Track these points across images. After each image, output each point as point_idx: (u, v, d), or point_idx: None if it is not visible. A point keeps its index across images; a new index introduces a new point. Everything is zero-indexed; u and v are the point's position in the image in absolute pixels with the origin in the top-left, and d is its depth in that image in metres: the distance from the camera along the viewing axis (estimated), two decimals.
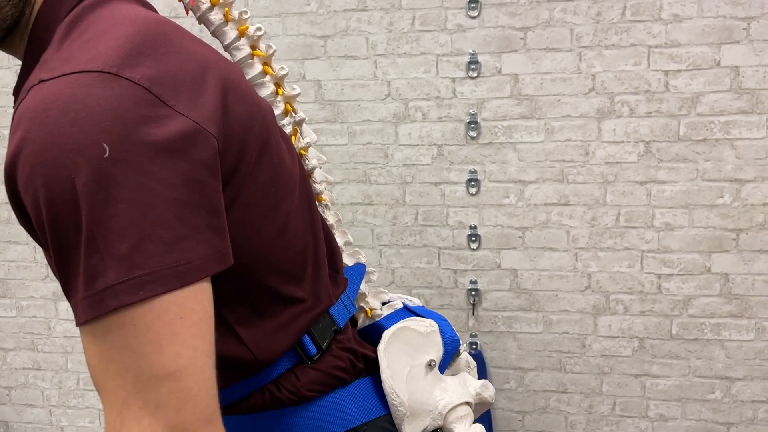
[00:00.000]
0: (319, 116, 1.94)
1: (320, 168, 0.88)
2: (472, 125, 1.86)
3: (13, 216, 2.14)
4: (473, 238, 1.91)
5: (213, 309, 0.55)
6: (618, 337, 1.89)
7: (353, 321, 0.88)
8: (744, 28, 1.70)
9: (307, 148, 0.86)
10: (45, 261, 2.16)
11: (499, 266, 1.92)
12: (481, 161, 1.88)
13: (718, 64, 1.72)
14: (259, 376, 0.73)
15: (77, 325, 0.52)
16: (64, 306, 2.19)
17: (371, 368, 0.82)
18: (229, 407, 0.74)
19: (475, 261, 1.93)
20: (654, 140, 1.78)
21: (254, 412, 0.74)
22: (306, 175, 0.79)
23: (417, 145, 1.91)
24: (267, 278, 0.69)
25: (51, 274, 2.18)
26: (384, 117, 1.91)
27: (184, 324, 0.51)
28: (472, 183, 1.89)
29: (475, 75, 1.84)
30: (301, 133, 0.87)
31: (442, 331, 0.87)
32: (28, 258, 2.18)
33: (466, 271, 1.94)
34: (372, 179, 1.95)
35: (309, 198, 0.77)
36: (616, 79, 1.77)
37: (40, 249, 2.14)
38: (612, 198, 1.83)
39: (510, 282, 1.92)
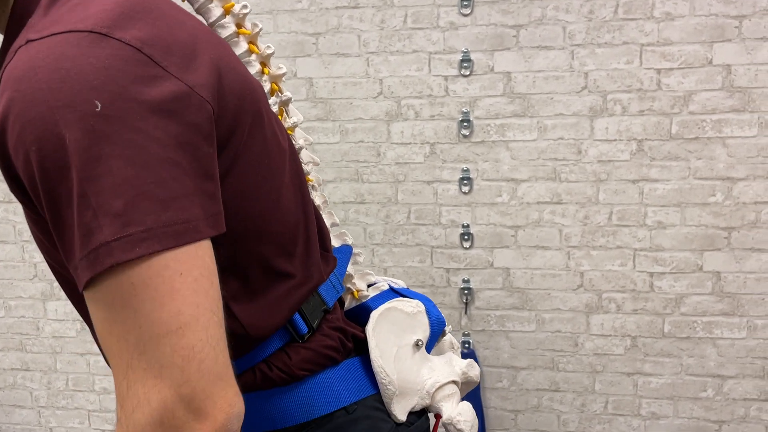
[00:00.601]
0: (311, 114, 1.94)
1: (306, 148, 0.88)
2: (465, 123, 1.86)
3: (0, 215, 2.12)
4: (466, 237, 1.91)
5: (215, 266, 0.53)
6: (610, 335, 1.88)
7: (340, 302, 0.88)
8: (736, 27, 1.71)
9: (293, 127, 0.86)
10: (33, 260, 2.15)
11: (491, 265, 1.92)
12: (473, 159, 1.88)
13: (710, 62, 1.73)
14: (251, 354, 0.72)
15: (81, 291, 0.51)
16: (53, 306, 2.17)
17: (359, 348, 0.81)
18: None
19: (467, 260, 1.93)
20: (646, 138, 1.79)
21: (245, 393, 0.73)
22: (295, 153, 0.79)
23: (409, 143, 1.91)
24: (260, 250, 0.68)
25: (39, 273, 2.16)
26: (376, 115, 1.91)
27: (184, 280, 0.50)
28: (465, 181, 1.89)
29: (468, 73, 1.84)
30: (287, 113, 0.87)
31: (428, 312, 0.86)
32: (16, 258, 2.16)
33: (458, 269, 1.94)
34: (364, 178, 1.94)
35: (299, 175, 0.77)
36: (608, 78, 1.78)
37: (28, 248, 2.13)
38: (604, 196, 1.83)
39: (503, 281, 1.92)
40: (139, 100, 0.50)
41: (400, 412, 0.79)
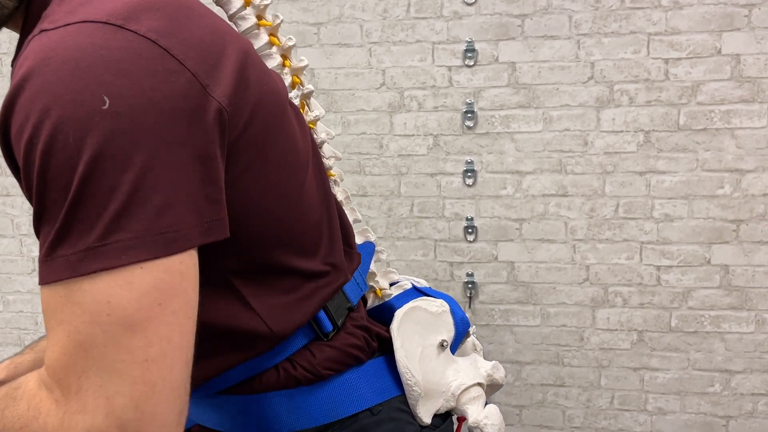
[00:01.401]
0: None
1: (328, 142, 0.84)
2: (469, 115, 1.83)
3: None
4: (470, 230, 1.88)
5: (197, 298, 0.51)
6: (616, 330, 1.86)
7: (364, 300, 0.85)
8: (745, 16, 1.68)
9: (315, 121, 0.82)
10: (31, 254, 2.10)
11: (496, 258, 1.89)
12: (477, 151, 1.85)
13: (719, 52, 1.70)
14: (273, 352, 0.69)
15: (44, 283, 0.47)
16: None
17: (383, 348, 0.78)
18: (239, 386, 0.70)
19: (471, 253, 1.90)
20: (653, 130, 1.76)
21: (267, 391, 0.70)
22: (317, 149, 0.75)
23: (412, 135, 1.87)
24: (283, 250, 0.65)
25: (37, 267, 2.11)
26: (379, 106, 1.87)
27: (162, 311, 0.47)
28: (469, 174, 1.85)
29: (472, 63, 1.81)
30: (309, 107, 0.83)
31: (452, 312, 0.83)
32: (14, 251, 2.11)
33: (462, 263, 1.91)
34: (366, 170, 1.90)
35: (321, 171, 0.74)
36: (615, 68, 1.75)
37: (26, 242, 2.08)
38: (611, 189, 1.81)
39: (507, 274, 1.89)
40: (150, 96, 0.48)
41: (425, 415, 0.76)
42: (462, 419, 0.81)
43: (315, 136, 0.80)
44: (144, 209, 0.46)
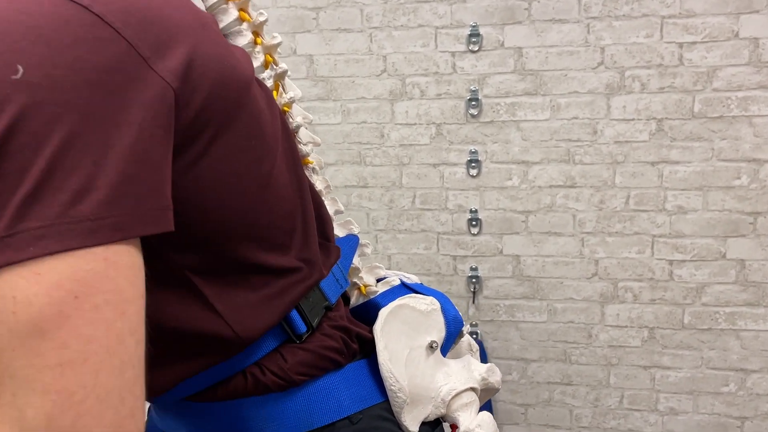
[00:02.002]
0: (311, 93, 1.83)
1: (306, 127, 0.77)
2: (473, 102, 1.76)
3: None
4: (474, 223, 1.81)
5: (137, 292, 0.44)
6: (626, 326, 1.79)
7: (345, 298, 0.78)
8: None
9: (290, 104, 0.75)
10: None
11: (501, 252, 1.82)
12: (482, 141, 1.78)
13: (736, 35, 1.62)
14: (240, 356, 0.62)
15: None
16: None
17: (366, 350, 0.72)
18: (204, 393, 0.64)
19: (475, 246, 1.83)
20: (667, 118, 1.68)
21: (234, 399, 0.64)
22: (290, 134, 0.69)
23: (414, 123, 1.80)
24: (248, 245, 0.59)
25: None
26: (380, 94, 1.80)
27: (79, 305, 0.40)
28: (473, 164, 1.79)
29: (476, 49, 1.73)
30: (283, 88, 0.77)
31: (444, 310, 0.77)
32: None
33: (466, 257, 1.84)
34: (367, 160, 1.84)
35: (294, 159, 0.67)
36: (626, 53, 1.67)
37: None
38: (621, 179, 1.73)
39: (512, 269, 1.82)
40: (74, 66, 0.42)
41: (412, 423, 0.69)
42: (455, 428, 0.75)
43: (290, 120, 0.73)
44: (59, 194, 0.40)
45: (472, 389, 0.72)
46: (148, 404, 0.69)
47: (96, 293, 0.40)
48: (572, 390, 1.84)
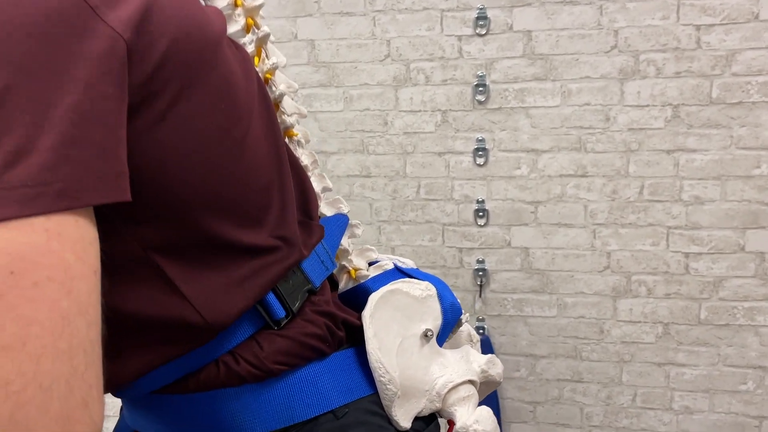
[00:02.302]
0: (312, 80, 1.77)
1: (292, 96, 0.71)
2: (480, 88, 1.69)
3: None
4: (481, 214, 1.75)
5: (88, 269, 0.38)
6: (640, 322, 1.72)
7: (333, 282, 0.72)
8: None
9: (273, 70, 0.69)
10: None
11: (509, 244, 1.75)
12: (489, 128, 1.71)
13: (756, 17, 1.54)
14: (212, 344, 0.57)
15: None
16: None
17: (354, 338, 0.66)
18: (174, 386, 0.58)
19: (482, 238, 1.76)
20: (683, 104, 1.61)
21: (206, 390, 0.58)
22: (270, 102, 0.63)
23: (419, 111, 1.74)
24: (217, 220, 0.53)
25: None
26: (383, 80, 1.74)
27: (15, 282, 0.34)
28: (480, 152, 1.72)
29: (484, 32, 1.67)
30: (266, 53, 0.71)
31: (440, 297, 0.71)
32: None
33: (472, 249, 1.77)
34: (370, 149, 1.78)
35: (274, 128, 0.61)
36: (641, 36, 1.60)
37: None
38: (635, 168, 1.66)
39: (521, 261, 1.75)
40: (9, 14, 0.37)
41: (403, 418, 0.63)
42: (452, 424, 0.68)
43: (273, 88, 0.67)
44: None
45: (471, 382, 0.66)
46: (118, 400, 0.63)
47: (36, 269, 0.35)
48: (583, 387, 1.78)
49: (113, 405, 1.93)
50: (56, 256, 0.36)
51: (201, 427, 0.58)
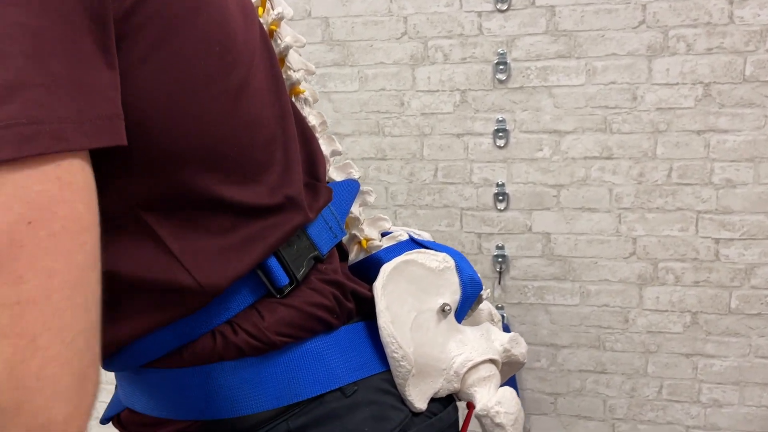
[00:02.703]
0: (326, 59, 1.72)
1: (299, 52, 0.66)
2: (501, 67, 1.62)
3: None
4: (500, 198, 1.68)
5: (94, 219, 0.37)
6: (667, 311, 1.64)
7: (343, 253, 0.67)
8: None
9: (278, 21, 0.64)
10: None
11: (529, 229, 1.69)
12: (510, 108, 1.64)
13: None
14: (207, 312, 0.52)
15: None
16: None
17: (364, 312, 0.61)
18: (168, 358, 0.53)
19: (502, 223, 1.70)
20: (715, 82, 1.53)
21: (201, 364, 0.53)
22: (274, 55, 0.58)
23: (437, 90, 1.68)
24: (211, 175, 0.48)
25: None
26: (400, 59, 1.68)
27: (34, 233, 0.32)
28: (500, 134, 1.66)
29: (505, 8, 1.60)
30: (271, 3, 0.66)
31: (459, 270, 0.65)
32: None
33: (492, 234, 1.71)
34: (386, 130, 1.72)
35: (277, 82, 0.56)
36: (670, 10, 1.52)
37: None
38: (663, 150, 1.58)
39: (542, 247, 1.69)
40: None
41: (418, 398, 0.58)
42: (472, 406, 0.63)
43: (278, 40, 0.62)
44: None
45: (492, 361, 0.60)
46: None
47: (52, 219, 0.33)
48: (606, 379, 1.71)
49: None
50: (69, 207, 0.34)
51: (197, 404, 0.53)
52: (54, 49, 0.34)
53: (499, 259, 1.71)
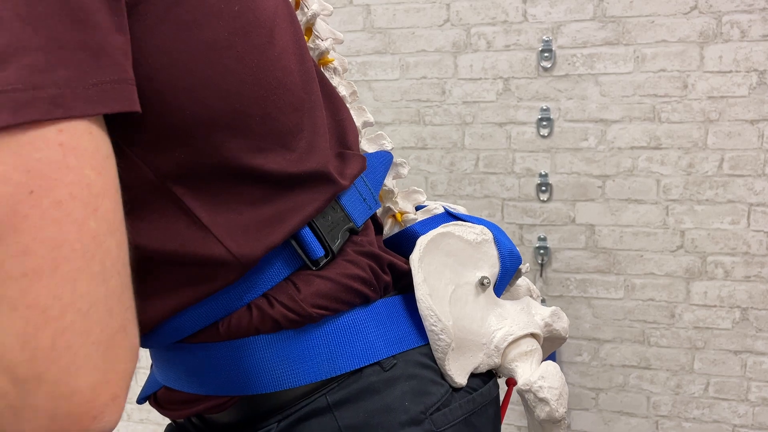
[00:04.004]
0: (367, 47, 1.71)
1: (325, 20, 0.65)
2: (546, 54, 1.59)
3: None
4: (543, 188, 1.65)
5: (110, 184, 0.36)
6: (715, 306, 1.59)
7: (377, 226, 0.66)
8: None
9: None
10: None
11: (573, 221, 1.65)
12: (555, 97, 1.61)
13: None
14: (243, 285, 0.51)
15: None
16: None
17: (401, 285, 0.59)
18: (203, 333, 0.53)
19: (544, 214, 1.67)
20: None
21: (237, 338, 0.52)
22: (296, 20, 0.56)
23: (479, 78, 1.65)
24: (241, 141, 0.47)
25: None
26: (442, 46, 1.66)
27: (36, 202, 0.32)
28: (544, 123, 1.62)
29: None
30: None
31: (497, 242, 0.63)
32: None
33: (534, 226, 1.68)
34: (427, 119, 1.71)
35: (300, 47, 0.55)
36: None
37: None
38: (714, 140, 1.53)
39: (586, 239, 1.65)
40: None
41: (458, 373, 0.56)
42: (513, 382, 0.61)
43: (305, 8, 0.61)
44: None
45: (533, 335, 0.58)
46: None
47: (57, 187, 0.32)
48: (650, 375, 1.66)
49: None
50: (76, 173, 0.33)
51: (234, 379, 0.52)
52: (54, 11, 0.33)
53: (541, 251, 1.68)
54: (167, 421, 1.96)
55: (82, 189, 0.33)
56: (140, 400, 0.62)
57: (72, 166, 0.33)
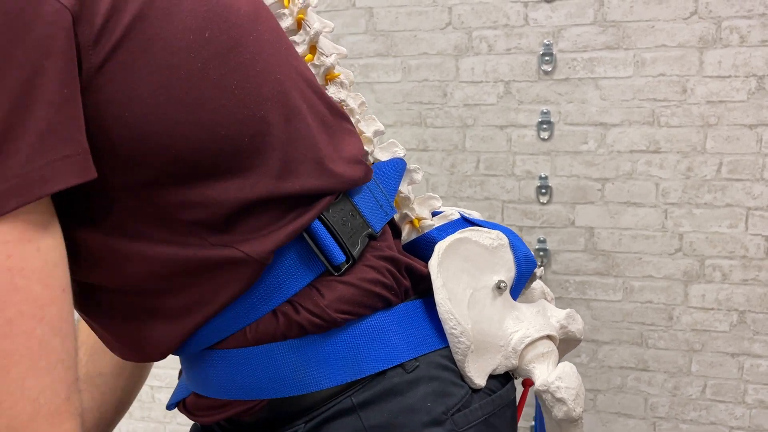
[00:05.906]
0: (369, 49, 1.72)
1: (327, 36, 0.66)
2: (547, 58, 1.61)
3: None
4: (543, 191, 1.66)
5: (55, 292, 0.41)
6: (713, 309, 1.61)
7: (396, 231, 0.67)
8: None
9: (305, 9, 0.64)
10: None
11: (572, 223, 1.67)
12: (555, 100, 1.62)
13: None
14: (266, 290, 0.52)
15: None
16: None
17: (420, 289, 0.60)
18: (231, 339, 0.54)
19: (544, 217, 1.68)
20: None
21: (265, 343, 0.54)
22: (279, 28, 0.57)
23: (481, 81, 1.66)
24: (220, 182, 0.50)
25: None
26: (443, 49, 1.67)
27: None
28: (544, 126, 1.64)
29: None
30: None
31: (513, 247, 0.64)
32: None
33: (533, 228, 1.69)
34: (428, 121, 1.72)
35: (288, 53, 0.56)
36: (723, 1, 1.49)
37: None
38: (713, 144, 1.55)
39: (585, 242, 1.67)
40: None
41: (477, 375, 0.58)
42: (529, 383, 0.62)
43: (307, 28, 0.62)
44: None
45: (549, 337, 0.59)
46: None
47: (6, 307, 0.38)
48: (648, 376, 1.68)
49: (165, 375, 1.91)
50: (24, 292, 0.38)
51: (262, 383, 0.53)
52: (9, 106, 0.36)
53: (541, 253, 1.69)
54: (168, 419, 1.96)
55: (29, 305, 0.38)
56: (170, 406, 0.63)
57: (20, 287, 0.38)
